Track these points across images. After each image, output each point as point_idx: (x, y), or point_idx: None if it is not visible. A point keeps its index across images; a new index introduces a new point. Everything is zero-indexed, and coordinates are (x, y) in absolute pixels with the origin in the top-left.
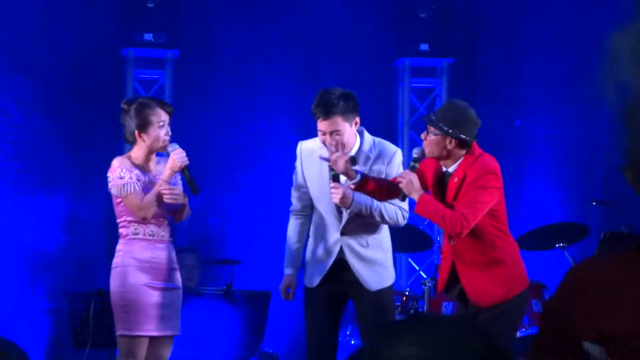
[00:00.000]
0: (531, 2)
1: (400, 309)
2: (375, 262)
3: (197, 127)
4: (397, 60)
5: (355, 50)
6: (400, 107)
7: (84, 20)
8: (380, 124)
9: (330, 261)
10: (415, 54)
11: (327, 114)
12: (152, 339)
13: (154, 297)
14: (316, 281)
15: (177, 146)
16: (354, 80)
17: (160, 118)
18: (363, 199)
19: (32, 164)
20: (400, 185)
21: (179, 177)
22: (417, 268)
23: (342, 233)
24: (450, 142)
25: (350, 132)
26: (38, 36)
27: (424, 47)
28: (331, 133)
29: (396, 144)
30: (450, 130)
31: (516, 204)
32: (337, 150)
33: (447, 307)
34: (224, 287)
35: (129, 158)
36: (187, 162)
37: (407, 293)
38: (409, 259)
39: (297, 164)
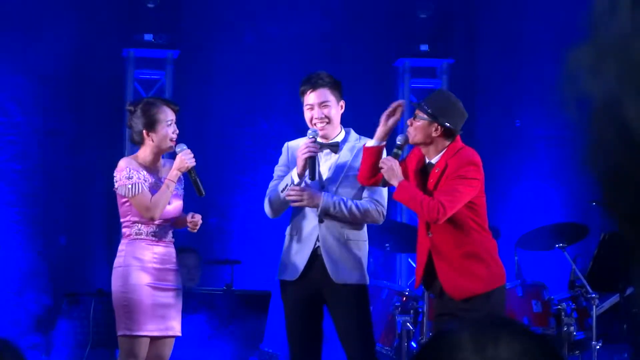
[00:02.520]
0: (531, 2)
1: (400, 309)
2: (348, 258)
3: (197, 127)
4: (397, 61)
5: (355, 51)
6: None
7: (84, 21)
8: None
9: (308, 252)
10: (415, 54)
11: (316, 85)
12: (153, 339)
13: (156, 297)
14: (294, 275)
15: (184, 146)
16: (354, 80)
17: (168, 116)
18: (333, 197)
19: (32, 164)
20: (382, 171)
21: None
22: None
23: (320, 221)
24: (436, 130)
25: (337, 111)
26: (38, 36)
27: (424, 47)
28: (320, 104)
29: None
30: (438, 117)
31: (516, 204)
32: (325, 126)
33: None
34: (224, 287)
35: (136, 159)
36: (194, 163)
37: (407, 293)
38: (409, 259)
39: (283, 158)
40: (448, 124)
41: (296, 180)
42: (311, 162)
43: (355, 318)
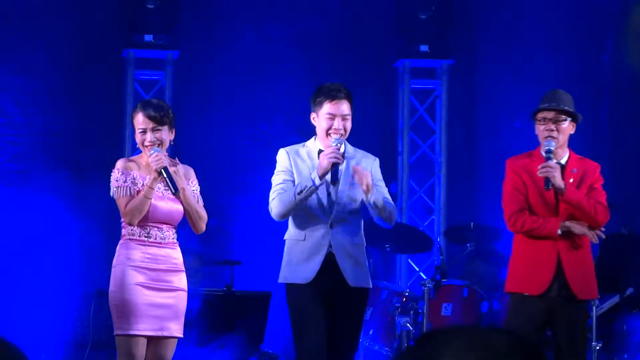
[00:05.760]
0: (531, 2)
1: (400, 309)
2: (358, 261)
3: (197, 127)
4: (397, 62)
5: (355, 52)
6: (401, 109)
7: (84, 22)
8: (380, 125)
9: (321, 257)
10: (415, 55)
11: (338, 97)
12: (151, 339)
13: (148, 297)
14: (307, 279)
15: (158, 150)
16: (354, 81)
17: (139, 124)
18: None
19: (32, 165)
20: (547, 174)
21: (196, 189)
22: (417, 269)
23: (331, 226)
24: (573, 127)
25: (350, 125)
26: (38, 37)
27: (424, 48)
28: (342, 117)
29: (396, 145)
30: (578, 115)
31: None
32: (341, 136)
33: (447, 309)
34: (224, 288)
35: (138, 158)
36: (164, 165)
37: (406, 294)
38: (409, 260)
39: (285, 163)
40: (579, 116)
41: (317, 181)
42: (335, 168)
43: (358, 320)
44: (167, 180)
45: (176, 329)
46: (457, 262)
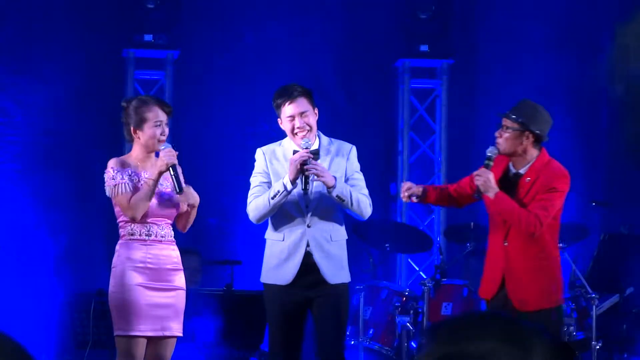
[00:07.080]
0: (531, 2)
1: (400, 309)
2: (335, 258)
3: (197, 127)
4: (397, 61)
5: (355, 51)
6: (400, 108)
7: (84, 21)
8: (380, 125)
9: (300, 257)
10: (415, 54)
11: (292, 96)
12: (151, 339)
13: (149, 297)
14: (287, 280)
15: (169, 145)
16: (354, 81)
17: (157, 117)
18: (343, 185)
19: (32, 164)
20: (477, 182)
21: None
22: (417, 268)
23: (308, 225)
24: (527, 138)
25: (315, 119)
26: (38, 36)
27: (424, 48)
28: (300, 114)
29: (396, 145)
30: (529, 125)
31: None
32: (307, 134)
33: (447, 308)
34: (224, 288)
35: (129, 157)
36: (175, 162)
37: (406, 293)
38: (409, 260)
39: (261, 164)
40: (538, 131)
41: (289, 186)
42: (306, 175)
43: (341, 316)
44: (174, 179)
45: (176, 328)
46: (457, 262)
